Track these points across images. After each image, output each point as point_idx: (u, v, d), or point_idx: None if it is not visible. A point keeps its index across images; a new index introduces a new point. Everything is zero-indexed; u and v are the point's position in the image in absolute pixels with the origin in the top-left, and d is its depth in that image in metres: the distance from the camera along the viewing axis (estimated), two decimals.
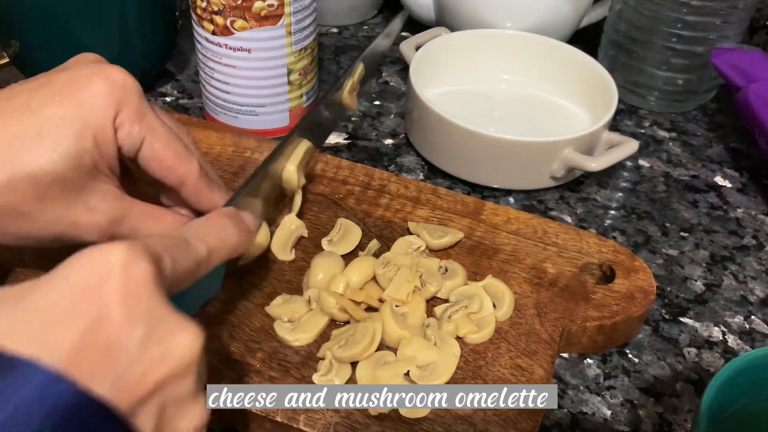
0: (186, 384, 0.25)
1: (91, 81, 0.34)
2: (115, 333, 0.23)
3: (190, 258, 0.28)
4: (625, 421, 0.40)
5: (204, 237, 0.30)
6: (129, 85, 0.35)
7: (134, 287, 0.23)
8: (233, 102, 0.54)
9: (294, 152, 0.44)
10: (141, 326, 0.23)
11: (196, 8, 0.51)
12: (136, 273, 0.24)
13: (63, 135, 0.33)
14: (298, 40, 0.52)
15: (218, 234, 0.31)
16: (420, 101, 0.54)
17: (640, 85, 0.65)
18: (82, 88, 0.34)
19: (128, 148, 0.36)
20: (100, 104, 0.34)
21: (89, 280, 0.23)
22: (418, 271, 0.41)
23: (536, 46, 0.62)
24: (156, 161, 0.37)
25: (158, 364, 0.24)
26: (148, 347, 0.23)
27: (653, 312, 0.46)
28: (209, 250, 0.30)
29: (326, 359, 0.37)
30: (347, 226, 0.45)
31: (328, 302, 0.39)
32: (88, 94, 0.34)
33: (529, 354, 0.39)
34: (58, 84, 0.34)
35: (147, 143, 0.36)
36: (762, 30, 0.72)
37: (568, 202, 0.55)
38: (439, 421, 0.35)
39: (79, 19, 0.54)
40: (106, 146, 0.35)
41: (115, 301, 0.23)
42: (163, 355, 0.24)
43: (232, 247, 0.32)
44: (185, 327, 0.25)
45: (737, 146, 0.62)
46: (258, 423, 0.36)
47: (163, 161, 0.37)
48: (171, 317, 0.24)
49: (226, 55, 0.52)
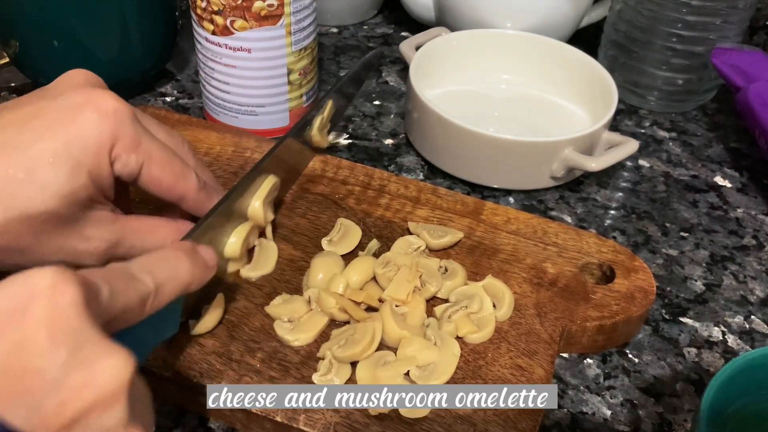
0: (113, 415, 0.23)
1: (81, 113, 0.33)
2: (35, 357, 0.22)
3: (133, 291, 0.27)
4: (625, 421, 0.40)
5: (152, 270, 0.29)
6: (122, 113, 0.34)
7: (59, 311, 0.22)
8: (233, 102, 0.54)
9: (259, 188, 0.42)
10: (63, 350, 0.22)
11: (196, 8, 0.51)
12: (63, 296, 0.23)
13: (56, 174, 0.32)
14: (298, 40, 0.52)
15: (169, 268, 0.30)
16: (420, 101, 0.54)
17: (640, 85, 0.65)
18: (72, 121, 0.33)
19: (126, 176, 0.35)
20: (93, 139, 0.33)
21: (14, 303, 0.22)
22: (418, 271, 0.41)
23: (536, 46, 0.62)
24: (155, 184, 0.36)
25: (80, 392, 0.22)
26: (69, 373, 0.22)
27: (653, 312, 0.46)
28: (157, 284, 0.28)
29: (326, 359, 0.37)
30: (347, 226, 0.45)
31: (327, 302, 0.39)
32: (80, 129, 0.33)
33: (529, 354, 0.39)
34: (47, 117, 0.33)
35: (145, 169, 0.35)
36: (762, 30, 0.72)
37: (568, 202, 0.55)
38: (439, 421, 0.35)
39: (79, 19, 0.54)
40: (102, 179, 0.34)
41: (38, 324, 0.22)
42: (86, 382, 0.22)
43: (186, 282, 0.31)
44: (112, 352, 0.23)
45: (737, 146, 0.62)
46: (258, 423, 0.36)
47: (162, 183, 0.36)
48: (98, 343, 0.23)
49: (225, 55, 0.52)
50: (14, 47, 0.57)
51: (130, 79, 0.60)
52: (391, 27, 0.77)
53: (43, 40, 0.56)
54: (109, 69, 0.45)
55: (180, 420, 0.38)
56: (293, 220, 0.46)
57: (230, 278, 0.42)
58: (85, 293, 0.23)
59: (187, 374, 0.37)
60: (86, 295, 0.23)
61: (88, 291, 0.24)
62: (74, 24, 0.55)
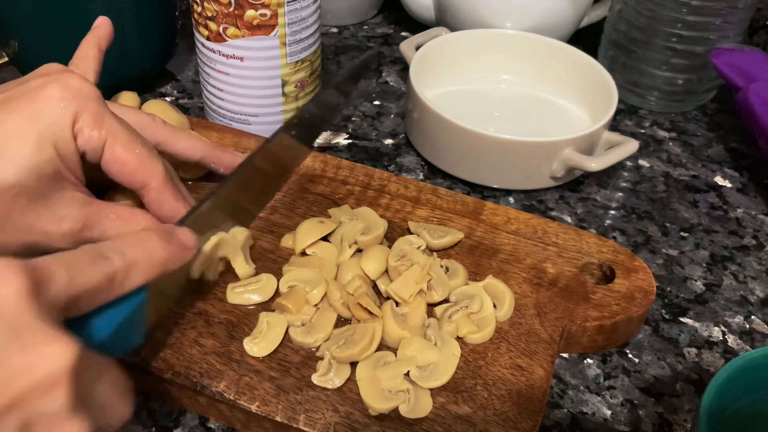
0: (54, 401, 0.23)
1: (45, 90, 0.34)
2: None
3: (97, 270, 0.27)
4: (625, 421, 0.40)
5: (122, 250, 0.29)
6: (86, 91, 0.35)
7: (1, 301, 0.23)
8: (227, 109, 0.54)
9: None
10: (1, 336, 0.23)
11: (193, 12, 0.51)
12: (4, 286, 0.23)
13: (22, 148, 0.33)
14: (294, 52, 0.51)
15: (141, 247, 0.30)
16: (420, 101, 0.54)
17: (640, 85, 0.65)
18: (37, 98, 0.34)
19: (91, 153, 0.36)
20: (56, 113, 0.34)
21: None
22: (428, 275, 0.41)
23: (536, 46, 0.62)
24: (118, 164, 0.36)
25: (17, 377, 0.23)
26: (7, 360, 0.22)
27: (653, 312, 0.46)
28: (128, 263, 0.29)
29: (325, 359, 0.37)
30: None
31: (333, 295, 0.39)
32: (43, 104, 0.34)
33: (529, 354, 0.39)
34: (15, 98, 0.34)
35: (108, 147, 0.36)
36: (762, 30, 0.72)
37: (568, 202, 0.55)
38: (439, 421, 0.35)
39: (79, 19, 0.54)
40: (68, 154, 0.35)
41: None
42: (25, 367, 0.23)
43: (160, 261, 0.31)
44: (54, 338, 0.24)
45: (737, 146, 0.62)
46: (258, 423, 0.36)
47: (126, 164, 0.37)
48: (40, 329, 0.23)
49: (219, 61, 0.51)
50: (14, 47, 0.57)
51: (130, 79, 0.60)
52: (391, 27, 0.77)
53: (42, 40, 0.56)
54: (109, 69, 0.45)
55: (180, 420, 0.38)
56: (293, 220, 0.46)
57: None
58: (31, 282, 0.24)
59: (187, 374, 0.37)
60: (32, 284, 0.24)
61: (36, 278, 0.24)
62: (74, 24, 0.55)
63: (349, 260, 0.42)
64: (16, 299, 0.23)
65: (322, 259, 0.42)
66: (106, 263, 0.28)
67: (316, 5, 0.51)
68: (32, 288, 0.24)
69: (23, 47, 0.57)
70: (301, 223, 0.44)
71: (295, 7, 0.49)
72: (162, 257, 0.31)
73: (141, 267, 0.29)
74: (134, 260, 0.29)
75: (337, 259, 0.42)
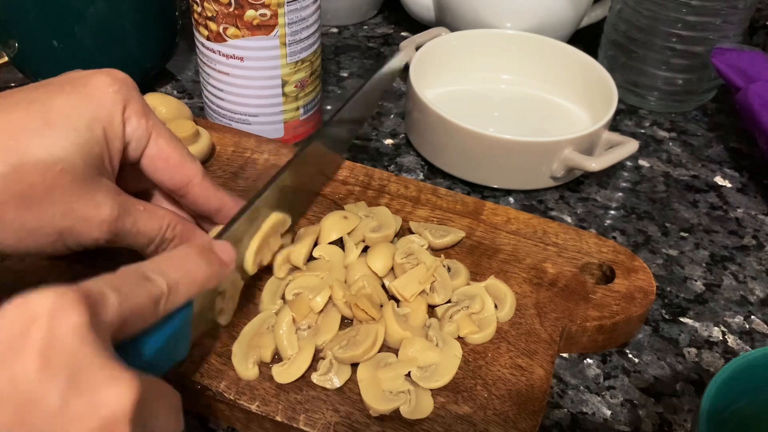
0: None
1: (95, 76, 0.34)
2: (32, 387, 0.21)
3: (144, 292, 0.27)
4: (625, 421, 0.40)
5: (164, 270, 0.28)
6: (131, 83, 0.36)
7: (58, 337, 0.22)
8: (227, 109, 0.54)
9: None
10: (61, 379, 0.21)
11: (193, 12, 0.51)
12: (63, 322, 0.22)
13: (73, 124, 0.33)
14: (294, 52, 0.51)
15: (181, 267, 0.29)
16: (420, 101, 0.54)
17: (640, 85, 0.65)
18: (87, 83, 0.34)
19: (135, 144, 0.36)
20: (108, 97, 0.34)
21: (12, 330, 0.22)
22: (433, 276, 0.41)
23: (536, 46, 0.62)
24: (162, 160, 0.36)
25: (81, 421, 0.22)
26: (69, 402, 0.22)
27: (653, 312, 0.46)
28: (170, 284, 0.28)
29: (326, 359, 0.37)
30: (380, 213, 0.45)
31: (336, 294, 0.39)
32: (95, 88, 0.34)
33: (529, 354, 0.39)
34: (60, 81, 0.34)
35: (153, 140, 0.36)
36: (762, 30, 0.72)
37: (568, 202, 0.55)
38: (439, 421, 0.35)
39: (79, 19, 0.54)
40: (114, 140, 0.35)
41: (34, 353, 0.21)
42: (88, 410, 0.22)
43: (201, 280, 0.30)
44: (115, 378, 0.22)
45: (737, 146, 0.62)
46: (258, 423, 0.36)
47: (170, 159, 0.36)
48: (101, 368, 0.22)
49: (219, 61, 0.51)
50: (14, 47, 0.57)
51: None
52: (391, 27, 0.77)
53: (42, 40, 0.56)
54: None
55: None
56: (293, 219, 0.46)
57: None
58: (89, 312, 0.23)
59: (187, 374, 0.37)
60: (90, 314, 0.23)
61: (92, 307, 0.23)
62: (74, 24, 0.55)
63: (357, 260, 0.42)
64: (76, 335, 0.22)
65: (330, 262, 0.42)
66: (151, 284, 0.27)
67: (316, 5, 0.51)
68: (91, 318, 0.23)
69: (23, 47, 0.57)
70: (326, 217, 0.44)
71: (295, 7, 0.49)
72: (202, 276, 0.30)
73: (182, 287, 0.29)
74: (176, 280, 0.28)
75: (345, 261, 0.42)
